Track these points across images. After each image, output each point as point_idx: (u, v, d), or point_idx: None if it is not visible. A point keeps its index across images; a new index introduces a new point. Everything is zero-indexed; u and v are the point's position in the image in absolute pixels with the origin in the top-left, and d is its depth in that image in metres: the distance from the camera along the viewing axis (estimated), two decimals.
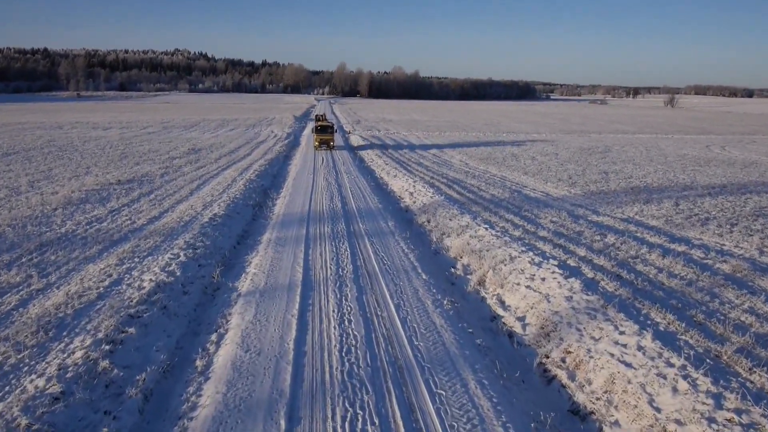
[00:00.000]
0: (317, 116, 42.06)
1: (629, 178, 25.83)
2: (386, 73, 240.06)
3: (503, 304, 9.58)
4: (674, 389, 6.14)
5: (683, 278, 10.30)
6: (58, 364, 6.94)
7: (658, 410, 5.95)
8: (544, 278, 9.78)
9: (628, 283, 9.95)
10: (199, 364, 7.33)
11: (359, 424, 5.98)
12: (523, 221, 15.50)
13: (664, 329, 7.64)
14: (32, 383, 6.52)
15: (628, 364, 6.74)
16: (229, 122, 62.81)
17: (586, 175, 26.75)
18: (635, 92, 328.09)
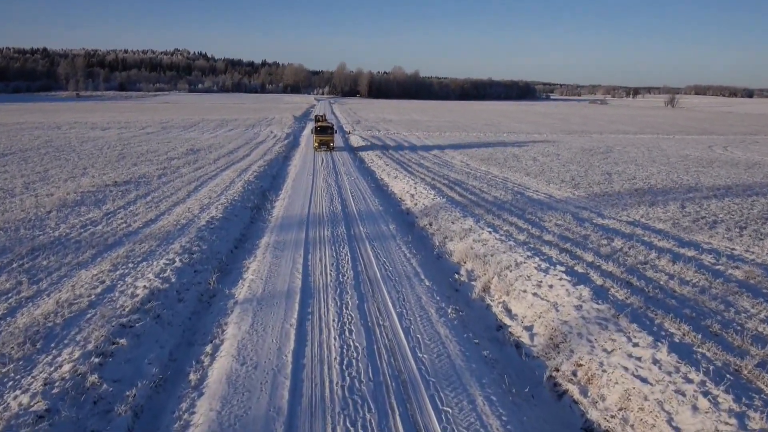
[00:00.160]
0: (317, 117, 41.71)
1: (632, 179, 25.51)
2: (386, 73, 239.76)
3: (509, 312, 9.25)
4: (694, 407, 5.80)
5: (695, 285, 9.96)
6: (44, 378, 6.61)
7: (677, 430, 5.62)
8: (551, 285, 9.44)
9: (638, 290, 9.62)
10: (192, 378, 6.99)
11: None
12: (527, 224, 15.16)
13: (679, 341, 7.30)
14: (16, 400, 6.19)
15: (643, 379, 6.40)
16: (228, 122, 62.46)
17: (588, 176, 26.43)
18: (635, 92, 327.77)
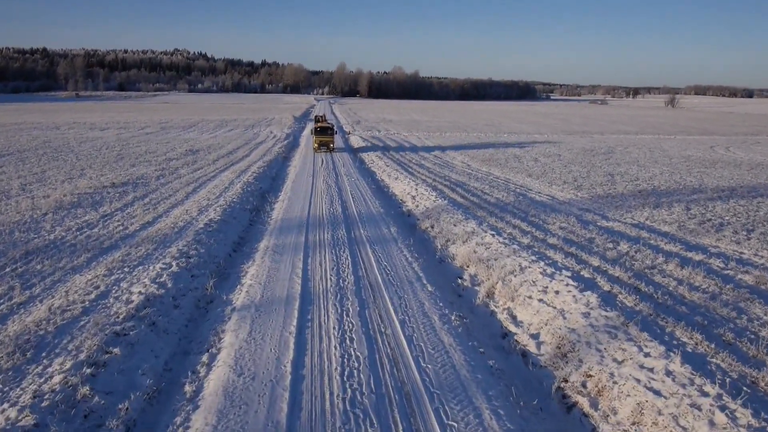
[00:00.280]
0: (317, 117, 41.43)
1: (636, 180, 25.27)
2: (386, 73, 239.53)
3: (515, 319, 9.00)
4: (711, 422, 5.56)
5: (705, 291, 9.72)
6: (33, 390, 6.36)
7: None
8: (557, 291, 9.20)
9: (647, 296, 9.37)
10: (188, 389, 6.74)
11: None
12: (531, 227, 14.91)
13: (692, 350, 7.06)
14: (3, 414, 5.93)
15: (656, 391, 6.16)
16: (228, 123, 62.22)
17: (591, 177, 26.19)
18: (635, 92, 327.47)
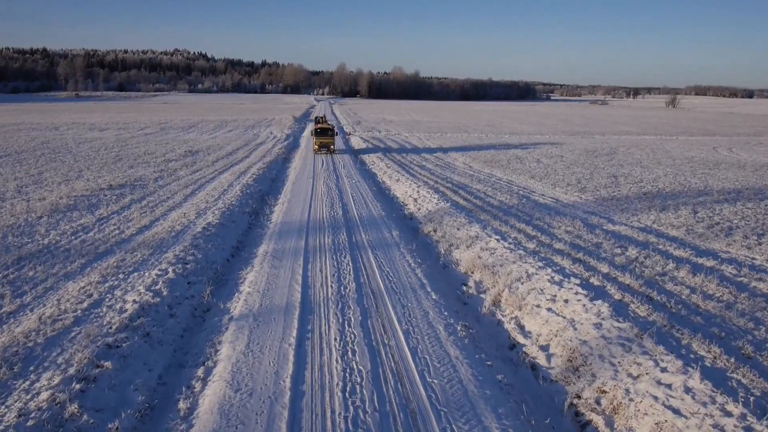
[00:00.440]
0: (317, 118, 41.09)
1: (640, 182, 24.96)
2: (386, 73, 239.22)
3: (523, 329, 8.68)
4: None
5: (720, 300, 9.39)
6: (19, 408, 6.04)
7: None
8: (567, 300, 8.87)
9: (660, 306, 9.04)
10: (182, 406, 6.42)
11: None
12: (536, 231, 14.59)
13: (711, 365, 6.74)
14: None
15: (676, 410, 5.84)
16: (227, 123, 61.90)
17: (594, 178, 25.88)
18: (635, 93, 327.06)
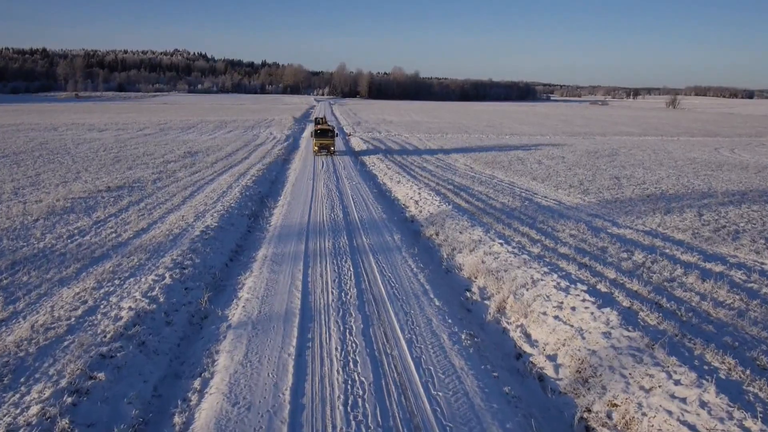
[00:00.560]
0: (317, 119, 40.82)
1: (642, 184, 24.74)
2: (386, 73, 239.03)
3: (529, 338, 8.44)
4: None
5: (731, 307, 9.16)
6: (7, 424, 5.80)
7: None
8: (574, 307, 8.64)
9: (670, 313, 8.81)
10: (177, 421, 6.18)
11: None
12: (540, 235, 14.35)
13: (725, 377, 6.51)
14: None
15: (692, 426, 5.60)
16: (227, 124, 61.67)
17: (597, 180, 25.66)
18: (635, 93, 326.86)
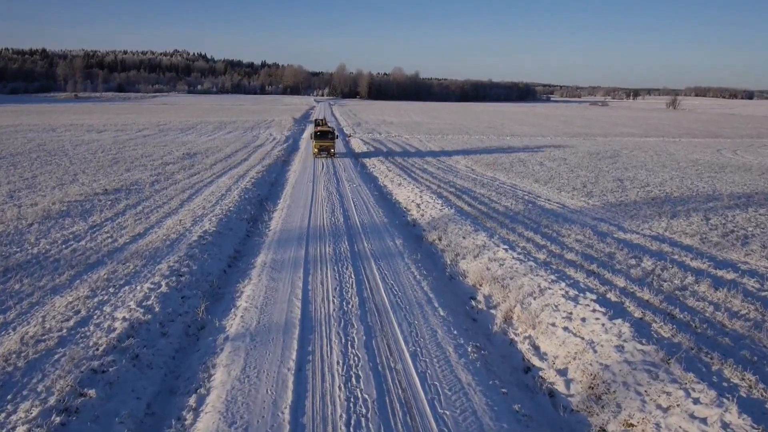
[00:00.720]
0: (317, 121, 40.44)
1: (646, 186, 24.45)
2: (386, 74, 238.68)
3: (538, 350, 8.14)
4: None
5: (747, 319, 8.85)
6: None
7: None
8: (584, 318, 8.33)
9: (684, 325, 8.50)
10: None
11: None
12: (545, 240, 14.04)
13: (746, 395, 6.21)
14: None
15: None
16: (226, 124, 61.36)
17: (600, 182, 25.37)
18: (635, 94, 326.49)
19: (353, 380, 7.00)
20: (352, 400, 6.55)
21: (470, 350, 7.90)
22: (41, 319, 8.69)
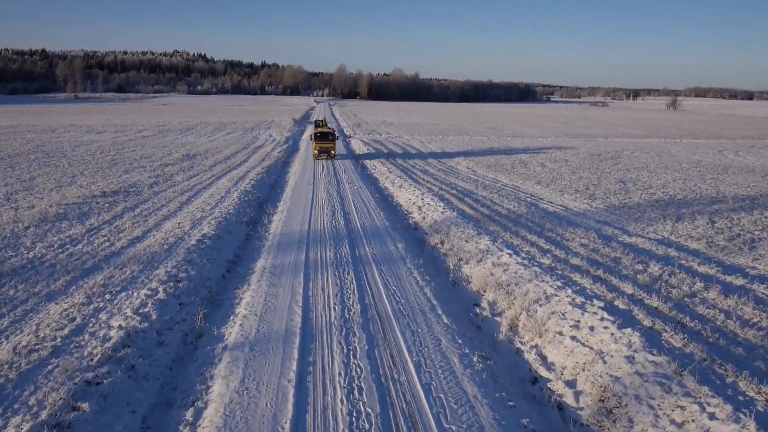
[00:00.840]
0: (317, 122, 40.19)
1: (649, 188, 24.24)
2: (386, 74, 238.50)
3: (545, 360, 7.92)
4: None
5: (760, 327, 8.62)
6: None
7: None
8: (592, 327, 8.11)
9: (695, 334, 8.28)
10: None
11: None
12: (549, 244, 13.83)
13: (764, 410, 5.98)
14: None
15: None
16: (226, 125, 61.14)
17: (602, 184, 25.16)
18: (635, 94, 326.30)
19: (356, 393, 6.78)
20: (354, 414, 6.32)
21: (476, 360, 7.68)
22: (35, 327, 8.47)
